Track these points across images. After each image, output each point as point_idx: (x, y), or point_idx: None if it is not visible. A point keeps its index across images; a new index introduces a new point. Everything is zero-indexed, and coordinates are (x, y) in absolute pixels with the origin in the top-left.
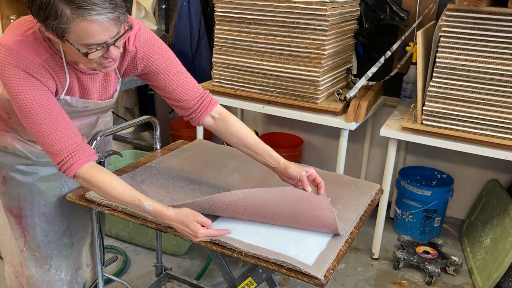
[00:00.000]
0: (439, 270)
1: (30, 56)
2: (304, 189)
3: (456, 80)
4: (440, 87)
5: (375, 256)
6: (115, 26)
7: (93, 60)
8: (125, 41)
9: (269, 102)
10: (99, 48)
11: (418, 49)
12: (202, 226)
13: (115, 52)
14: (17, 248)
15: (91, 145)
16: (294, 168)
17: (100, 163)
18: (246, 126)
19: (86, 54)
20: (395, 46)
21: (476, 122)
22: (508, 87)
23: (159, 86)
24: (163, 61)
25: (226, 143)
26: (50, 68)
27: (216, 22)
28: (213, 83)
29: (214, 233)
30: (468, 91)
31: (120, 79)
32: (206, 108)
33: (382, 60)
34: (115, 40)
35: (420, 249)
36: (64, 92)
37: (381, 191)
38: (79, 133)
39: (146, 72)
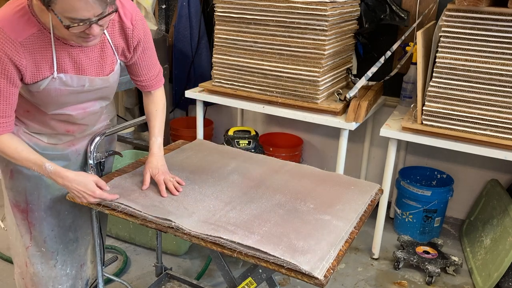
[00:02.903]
0: (439, 270)
1: (12, 34)
2: None
3: (456, 80)
4: (440, 87)
5: (375, 256)
6: (101, 6)
7: (74, 34)
8: (122, 18)
9: (269, 102)
10: (81, 23)
11: (418, 49)
12: (99, 187)
13: (97, 29)
14: (22, 247)
15: (91, 146)
16: (145, 164)
17: (100, 163)
18: (157, 110)
19: (68, 27)
20: (395, 46)
21: (476, 122)
22: (508, 87)
23: (130, 64)
24: (147, 41)
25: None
26: (32, 45)
27: (216, 22)
28: (213, 83)
29: (107, 196)
30: (468, 91)
31: (119, 60)
32: (151, 88)
33: (382, 60)
34: (99, 19)
35: (420, 249)
36: (55, 69)
37: (381, 191)
38: (11, 112)
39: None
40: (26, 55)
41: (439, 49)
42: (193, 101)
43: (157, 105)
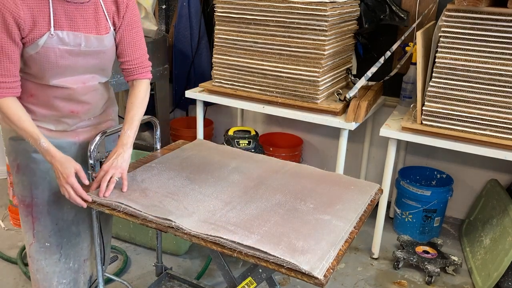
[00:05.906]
0: (439, 270)
1: None
2: None
3: (456, 80)
4: (440, 87)
5: (375, 256)
6: None
7: None
8: None
9: (269, 102)
10: None
11: (417, 49)
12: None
13: None
14: (26, 244)
15: (91, 145)
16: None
17: (101, 163)
18: (133, 103)
19: None
20: (395, 46)
21: (476, 122)
22: (508, 87)
23: (118, 38)
24: (135, 15)
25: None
26: (30, 1)
27: (216, 22)
28: (213, 83)
29: (77, 187)
30: (468, 91)
31: (112, 29)
32: (135, 75)
33: (382, 60)
34: None
35: (419, 249)
36: (52, 24)
37: (380, 191)
38: (16, 72)
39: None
40: (24, 9)
41: (439, 49)
42: (193, 101)
43: (135, 98)
